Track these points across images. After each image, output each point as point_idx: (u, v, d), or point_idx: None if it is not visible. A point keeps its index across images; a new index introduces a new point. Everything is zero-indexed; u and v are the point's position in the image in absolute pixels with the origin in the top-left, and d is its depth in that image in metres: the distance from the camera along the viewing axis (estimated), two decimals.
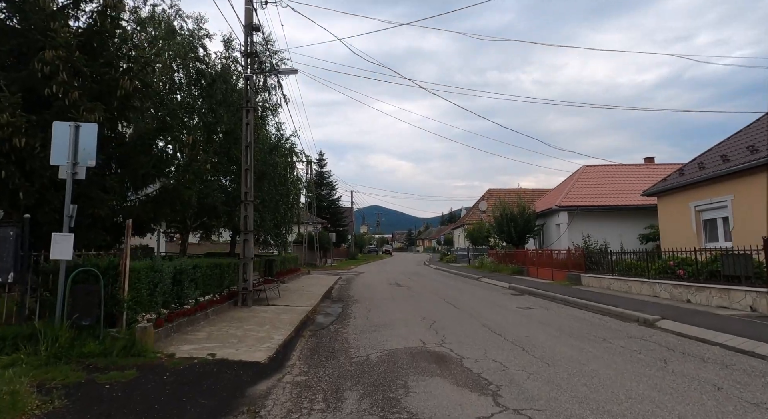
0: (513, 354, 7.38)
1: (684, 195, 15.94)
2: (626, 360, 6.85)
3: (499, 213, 27.27)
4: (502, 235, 27.19)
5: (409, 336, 9.17)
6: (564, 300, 14.07)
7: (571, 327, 9.73)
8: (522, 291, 17.47)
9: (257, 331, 9.17)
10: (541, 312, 12.08)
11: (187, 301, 10.01)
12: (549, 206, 25.69)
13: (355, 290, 19.09)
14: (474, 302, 14.32)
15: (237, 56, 14.65)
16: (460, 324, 10.44)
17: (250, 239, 12.92)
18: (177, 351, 7.18)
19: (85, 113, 7.37)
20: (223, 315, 11.07)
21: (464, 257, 40.38)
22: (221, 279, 13.03)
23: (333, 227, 51.73)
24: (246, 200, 12.96)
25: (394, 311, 12.64)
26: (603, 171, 27.40)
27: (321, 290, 18.53)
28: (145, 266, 8.06)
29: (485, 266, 29.25)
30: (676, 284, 12.48)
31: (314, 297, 15.55)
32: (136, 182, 8.92)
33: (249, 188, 12.99)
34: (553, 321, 10.69)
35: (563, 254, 20.84)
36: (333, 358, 7.35)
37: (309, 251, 39.54)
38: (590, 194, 25.34)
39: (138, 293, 7.78)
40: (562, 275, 19.72)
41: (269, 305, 13.00)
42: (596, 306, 12.30)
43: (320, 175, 54.70)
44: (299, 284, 21.09)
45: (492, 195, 46.15)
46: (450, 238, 69.79)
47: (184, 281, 9.90)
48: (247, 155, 12.98)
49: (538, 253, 23.25)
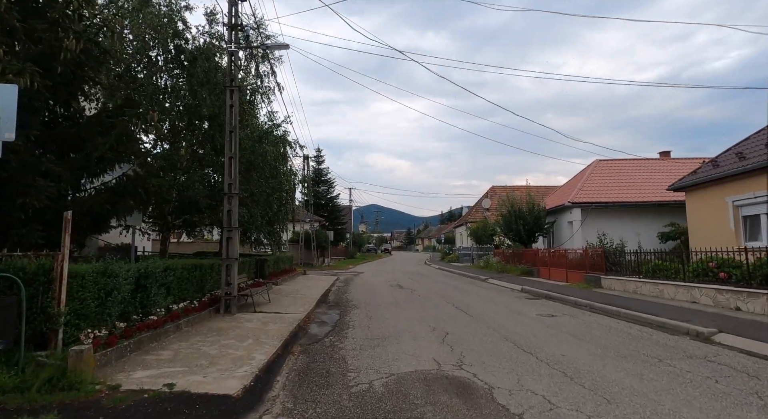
0: (555, 382, 5.82)
1: (720, 189, 14.39)
2: (707, 395, 5.28)
3: (507, 210, 25.71)
4: (510, 233, 25.63)
5: (419, 352, 7.61)
6: (589, 306, 12.52)
7: (611, 342, 8.17)
8: (537, 295, 15.91)
9: (236, 348, 7.59)
10: (568, 321, 10.52)
11: (154, 310, 8.43)
12: (560, 203, 24.13)
13: (353, 293, 17.52)
14: (487, 308, 12.76)
15: (221, 32, 13.04)
16: (478, 336, 8.88)
17: (234, 237, 11.34)
18: (126, 380, 5.60)
19: (11, 75, 5.77)
20: (199, 326, 9.47)
21: (467, 257, 38.83)
22: (202, 283, 11.46)
23: (331, 225, 50.12)
24: (230, 193, 11.38)
25: (399, 319, 11.08)
26: (617, 166, 25.84)
27: (317, 293, 16.96)
28: (93, 270, 6.47)
29: (491, 267, 27.70)
30: (721, 289, 10.93)
31: (308, 302, 13.97)
32: (89, 167, 7.32)
33: (233, 179, 11.40)
34: (587, 332, 9.12)
35: (579, 254, 19.29)
36: (327, 387, 5.79)
37: (306, 250, 37.97)
38: (604, 190, 23.80)
39: (82, 304, 6.21)
40: (579, 276, 18.18)
41: (256, 313, 11.42)
42: (630, 314, 10.74)
43: (318, 172, 53.04)
44: (294, 287, 19.51)
45: (496, 192, 44.61)
46: (451, 237, 68.22)
47: (151, 287, 8.32)
48: (231, 141, 11.40)
49: (550, 253, 21.70)
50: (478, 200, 46.41)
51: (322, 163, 54.27)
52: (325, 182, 53.33)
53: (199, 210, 13.10)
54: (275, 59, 16.94)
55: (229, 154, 11.38)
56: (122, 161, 7.96)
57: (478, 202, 44.97)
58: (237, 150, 11.47)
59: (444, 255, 51.07)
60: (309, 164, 39.10)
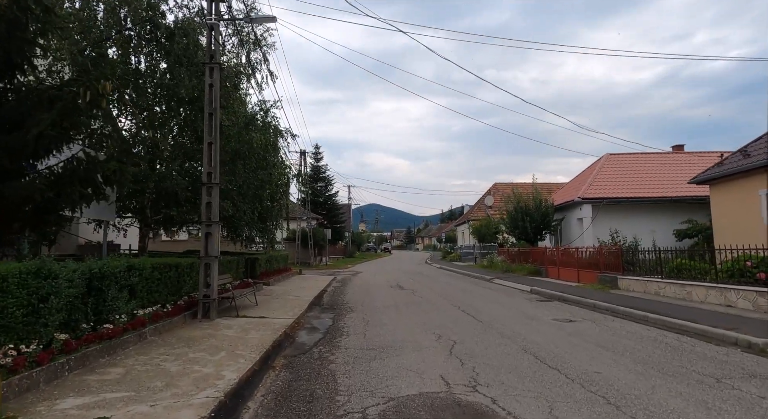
0: (597, 412, 4.58)
1: (751, 181, 13.16)
2: None
3: (513, 207, 24.46)
4: (516, 231, 24.37)
5: (423, 367, 6.38)
6: (611, 310, 11.28)
7: (650, 355, 6.93)
8: (549, 296, 14.67)
9: (205, 362, 6.35)
10: (591, 328, 9.28)
11: (112, 317, 7.19)
12: (570, 199, 22.87)
13: (350, 295, 16.28)
14: (497, 312, 11.52)
15: (202, 4, 11.80)
16: (491, 346, 7.65)
17: (214, 233, 10.10)
18: (46, 413, 4.36)
19: None
20: (168, 335, 8.22)
21: (470, 256, 37.60)
22: (179, 284, 10.22)
23: (330, 223, 48.89)
24: (209, 183, 10.14)
25: (399, 325, 9.85)
26: (628, 160, 24.59)
27: (310, 294, 15.73)
28: (21, 270, 5.23)
29: (495, 266, 26.46)
30: (763, 292, 9.69)
31: (300, 304, 12.74)
32: (26, 148, 6.08)
33: (213, 168, 10.16)
34: (616, 342, 7.88)
35: (591, 253, 18.05)
36: (310, 417, 4.57)
37: (303, 249, 36.74)
38: (616, 185, 22.55)
39: (2, 313, 4.96)
40: (592, 276, 16.93)
41: (239, 317, 10.17)
42: (660, 320, 9.51)
43: (316, 169, 51.82)
44: (287, 287, 18.28)
45: (498, 189, 43.38)
46: (452, 235, 66.99)
47: (108, 290, 7.08)
48: (210, 125, 10.16)
49: (559, 251, 20.45)
50: (480, 197, 45.17)
51: (320, 160, 53.08)
52: (323, 180, 52.10)
53: (178, 203, 11.86)
54: (268, 46, 15.75)
55: (209, 139, 10.13)
56: (70, 141, 6.72)
57: (481, 199, 43.73)
58: (218, 135, 10.22)
59: (445, 254, 49.83)
60: (306, 160, 37.90)
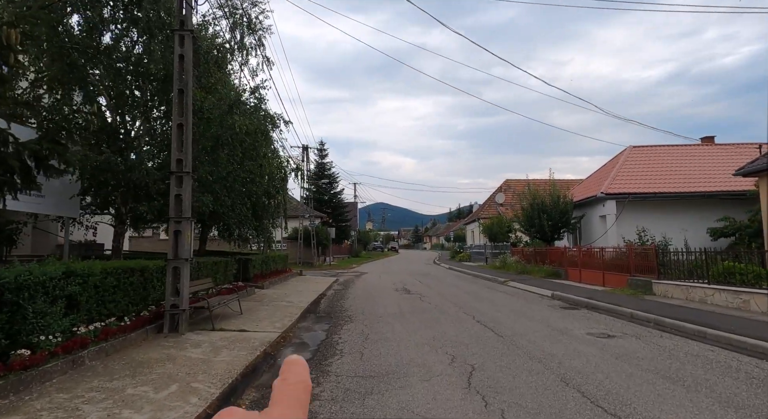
0: None
1: None
2: None
3: (528, 204, 22.68)
4: (532, 229, 22.60)
5: (434, 410, 4.75)
6: (654, 323, 9.55)
7: (735, 394, 5.22)
8: (575, 303, 12.96)
9: (142, 404, 4.74)
10: (640, 348, 7.57)
11: (36, 339, 5.62)
12: (591, 194, 21.06)
13: (351, 300, 14.66)
14: (520, 325, 9.84)
15: None
16: (521, 374, 5.99)
17: (184, 231, 8.51)
18: None
19: None
20: (116, 358, 6.63)
21: (480, 256, 35.83)
22: (144, 292, 8.67)
23: (335, 222, 47.32)
24: (180, 171, 8.56)
25: (404, 341, 8.23)
26: (654, 152, 22.72)
27: (306, 299, 14.14)
28: None
29: (509, 267, 24.71)
30: None
31: (292, 313, 11.15)
32: None
33: (185, 154, 8.58)
34: (681, 371, 6.17)
35: (618, 253, 16.29)
36: None
37: (305, 248, 35.19)
38: (642, 180, 20.71)
39: None
40: (620, 280, 15.19)
41: (215, 331, 8.58)
42: (725, 338, 7.77)
43: (321, 166, 50.28)
44: (282, 290, 16.70)
45: (510, 186, 41.54)
46: (461, 234, 65.14)
47: (29, 304, 5.51)
48: (181, 104, 8.57)
49: (581, 251, 18.67)
50: (490, 194, 43.35)
51: (325, 157, 51.50)
52: (328, 177, 50.53)
53: (150, 197, 10.29)
54: (263, 30, 14.16)
55: (179, 120, 8.54)
56: None
57: (491, 196, 41.91)
58: (189, 116, 8.63)
59: (454, 254, 48.05)
60: (309, 156, 36.32)
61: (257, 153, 12.71)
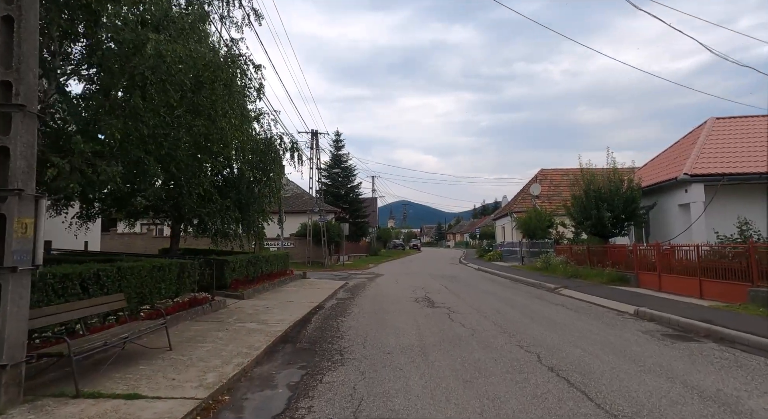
0: None
1: None
2: None
3: (582, 191, 18.18)
4: (587, 223, 18.09)
5: None
6: None
7: None
8: (685, 329, 8.61)
9: None
10: None
11: None
12: (669, 178, 16.45)
13: (353, 317, 10.60)
14: (632, 382, 5.60)
15: None
16: None
17: (10, 214, 4.58)
18: None
19: None
20: None
21: (513, 255, 31.32)
22: None
23: (351, 218, 43.42)
24: (7, 104, 4.63)
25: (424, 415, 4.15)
26: (742, 125, 17.96)
27: (292, 315, 10.20)
28: None
29: (555, 269, 20.29)
30: None
31: (253, 346, 7.18)
32: None
33: (19, 71, 4.65)
34: None
35: (725, 254, 11.81)
36: None
37: (316, 246, 31.38)
38: (733, 159, 16.04)
39: None
40: (735, 291, 10.74)
41: (73, 400, 4.66)
42: None
43: (336, 157, 46.44)
44: (267, 301, 12.78)
45: (546, 177, 36.89)
46: (489, 231, 60.41)
47: None
48: None
49: (662, 251, 14.13)
50: (524, 185, 38.69)
51: (341, 148, 47.64)
52: (344, 169, 46.64)
53: None
54: None
55: (6, 9, 4.62)
56: None
57: (525, 188, 37.26)
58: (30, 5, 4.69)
59: (482, 252, 43.51)
60: (318, 141, 32.39)
61: (215, 105, 8.72)
